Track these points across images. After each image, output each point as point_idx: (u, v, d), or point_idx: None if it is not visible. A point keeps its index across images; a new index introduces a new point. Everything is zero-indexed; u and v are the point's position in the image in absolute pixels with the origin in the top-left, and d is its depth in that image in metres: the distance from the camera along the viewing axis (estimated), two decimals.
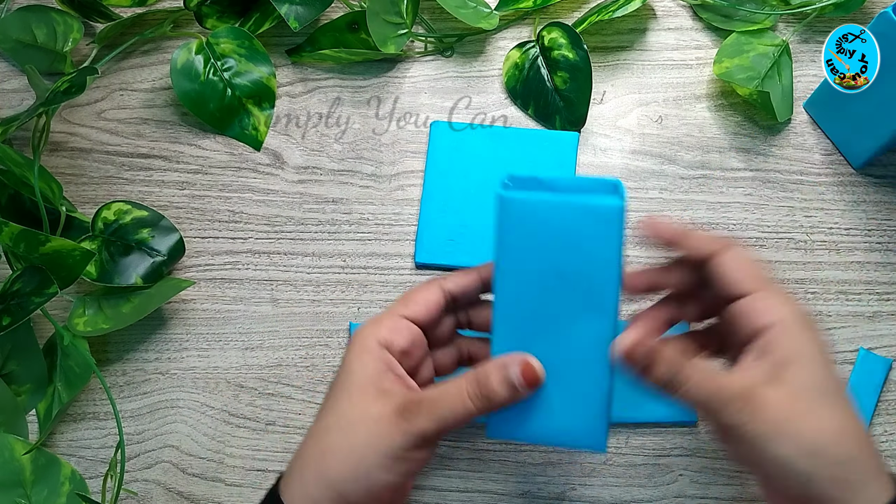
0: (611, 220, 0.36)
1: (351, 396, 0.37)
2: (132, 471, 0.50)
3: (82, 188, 0.55)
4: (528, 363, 0.36)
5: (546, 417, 0.38)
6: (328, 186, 0.54)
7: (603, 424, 0.38)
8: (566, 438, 0.38)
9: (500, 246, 0.37)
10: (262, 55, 0.54)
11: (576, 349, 0.37)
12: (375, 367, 0.37)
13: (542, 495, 0.49)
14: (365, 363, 0.37)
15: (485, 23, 0.54)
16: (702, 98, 0.55)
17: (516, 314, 0.37)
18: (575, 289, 0.36)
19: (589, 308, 0.37)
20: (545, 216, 0.36)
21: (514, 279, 0.37)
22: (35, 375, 0.50)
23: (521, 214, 0.36)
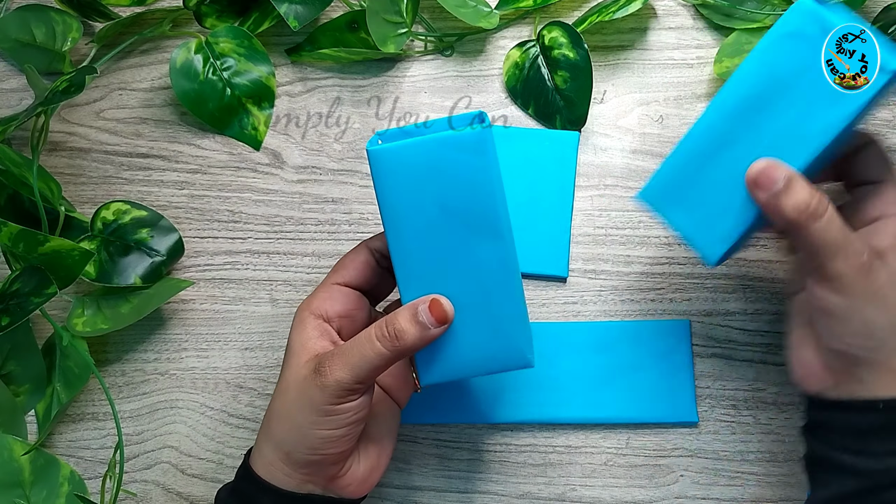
0: (479, 146, 0.37)
1: (290, 366, 0.39)
2: (131, 471, 0.50)
3: (81, 188, 0.54)
4: (435, 300, 0.38)
5: (470, 351, 0.39)
6: (328, 186, 0.54)
7: (526, 342, 0.39)
8: (494, 364, 0.39)
9: (382, 200, 0.38)
10: (261, 54, 0.54)
11: (481, 278, 0.38)
12: (308, 335, 0.39)
13: (542, 496, 0.49)
14: (300, 334, 0.40)
15: (485, 22, 0.54)
16: (703, 97, 0.55)
17: (415, 260, 0.38)
18: (464, 222, 0.38)
19: (482, 236, 0.38)
20: (416, 159, 0.37)
21: (404, 228, 0.38)
22: (34, 376, 0.50)
23: (392, 163, 0.37)
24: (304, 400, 0.38)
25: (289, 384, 0.39)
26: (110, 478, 0.48)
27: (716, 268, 0.52)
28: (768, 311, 0.51)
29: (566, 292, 0.52)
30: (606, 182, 0.53)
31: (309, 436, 0.38)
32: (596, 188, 0.53)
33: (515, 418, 0.49)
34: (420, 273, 0.38)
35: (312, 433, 0.38)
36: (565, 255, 0.52)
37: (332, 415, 0.37)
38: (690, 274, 0.52)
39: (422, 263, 0.38)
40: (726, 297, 0.51)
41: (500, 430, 0.50)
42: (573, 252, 0.52)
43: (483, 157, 0.37)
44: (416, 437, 0.50)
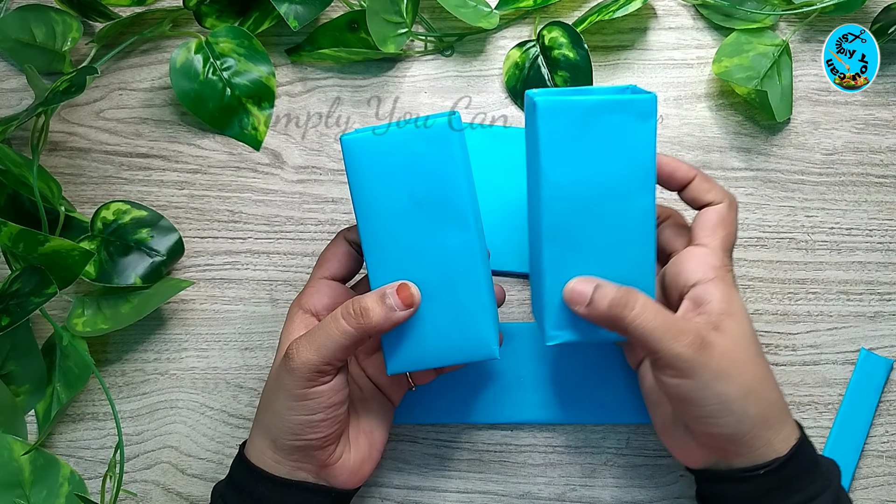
0: (444, 137, 0.38)
1: (276, 360, 0.41)
2: (131, 471, 0.50)
3: (81, 188, 0.54)
4: (403, 283, 0.38)
5: (436, 341, 0.39)
6: (328, 186, 0.54)
7: (490, 333, 0.39)
8: (460, 355, 0.40)
9: (353, 188, 0.39)
10: (261, 54, 0.54)
11: (448, 268, 0.39)
12: (294, 329, 0.41)
13: (542, 496, 0.49)
14: (287, 329, 0.41)
15: (485, 22, 0.54)
16: (702, 97, 0.55)
17: (384, 249, 0.39)
18: (432, 212, 0.38)
19: (449, 226, 0.38)
20: (386, 149, 0.38)
21: (374, 217, 0.39)
22: (34, 376, 0.50)
23: (364, 153, 0.38)
24: (278, 385, 0.39)
25: (271, 374, 0.41)
26: (110, 478, 0.48)
27: None
28: (768, 311, 0.51)
29: None
30: None
31: (287, 421, 0.38)
32: None
33: (515, 418, 0.49)
34: (389, 261, 0.39)
35: (290, 418, 0.38)
36: None
37: (305, 399, 0.38)
38: None
39: (391, 252, 0.39)
40: None
41: (500, 430, 0.50)
42: None
43: (448, 147, 0.38)
44: (416, 437, 0.50)
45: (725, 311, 0.37)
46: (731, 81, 0.53)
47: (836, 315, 0.51)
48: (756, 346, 0.38)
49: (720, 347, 0.36)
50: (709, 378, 0.36)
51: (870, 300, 0.51)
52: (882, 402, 0.50)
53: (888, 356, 0.50)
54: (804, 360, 0.51)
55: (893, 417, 0.50)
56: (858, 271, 0.52)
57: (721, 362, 0.36)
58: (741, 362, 0.37)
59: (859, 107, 0.54)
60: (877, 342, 0.51)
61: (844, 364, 0.50)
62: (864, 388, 0.50)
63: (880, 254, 0.52)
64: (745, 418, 0.37)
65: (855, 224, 0.52)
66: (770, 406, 0.37)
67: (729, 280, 0.39)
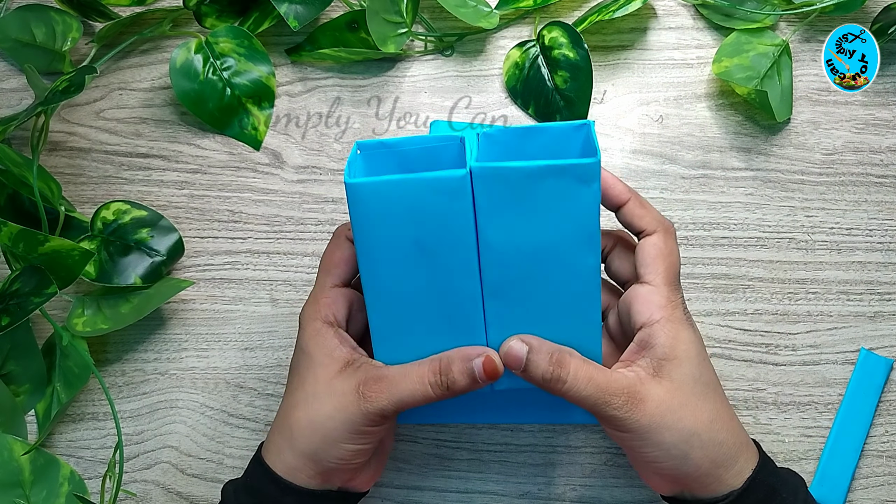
0: (462, 190, 0.35)
1: (315, 374, 0.39)
2: (131, 471, 0.50)
3: (81, 188, 0.54)
4: (489, 358, 0.38)
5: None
6: (328, 186, 0.54)
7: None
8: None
9: (357, 231, 0.37)
10: (261, 54, 0.54)
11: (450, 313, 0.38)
12: (330, 345, 0.39)
13: (542, 496, 0.49)
14: (319, 344, 0.39)
15: (485, 22, 0.54)
16: (703, 97, 0.55)
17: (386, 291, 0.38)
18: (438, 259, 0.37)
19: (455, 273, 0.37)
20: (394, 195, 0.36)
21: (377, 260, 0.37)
22: (34, 376, 0.50)
23: (369, 197, 0.36)
24: (342, 417, 0.38)
25: (320, 396, 0.39)
26: (110, 478, 0.48)
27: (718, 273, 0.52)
28: (768, 311, 0.51)
29: None
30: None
31: (341, 448, 0.38)
32: None
33: (515, 418, 0.49)
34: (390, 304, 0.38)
35: (345, 447, 0.38)
36: None
37: (367, 434, 0.38)
38: (690, 273, 0.52)
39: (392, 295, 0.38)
40: (726, 297, 0.51)
41: (500, 430, 0.50)
42: None
43: (462, 201, 0.35)
44: (416, 437, 0.50)
45: (667, 356, 0.37)
46: (731, 81, 0.53)
47: (836, 315, 0.51)
48: (703, 385, 0.38)
49: (655, 399, 0.37)
50: (643, 432, 0.37)
51: (870, 300, 0.51)
52: (882, 402, 0.50)
53: (888, 356, 0.50)
54: (804, 360, 0.51)
55: (893, 417, 0.50)
56: (858, 271, 0.52)
57: (655, 415, 0.36)
58: (679, 408, 0.37)
59: (859, 107, 0.54)
60: (877, 342, 0.51)
61: (844, 364, 0.50)
62: (864, 388, 0.50)
63: (880, 254, 0.52)
64: (687, 461, 0.37)
65: (855, 224, 0.52)
66: (717, 445, 0.37)
67: (677, 316, 0.38)
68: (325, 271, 0.41)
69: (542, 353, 0.37)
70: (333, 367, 0.39)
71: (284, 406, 0.41)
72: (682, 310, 0.39)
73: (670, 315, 0.38)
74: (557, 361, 0.37)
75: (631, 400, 0.37)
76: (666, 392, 0.37)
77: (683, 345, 0.38)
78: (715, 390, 0.39)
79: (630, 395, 0.37)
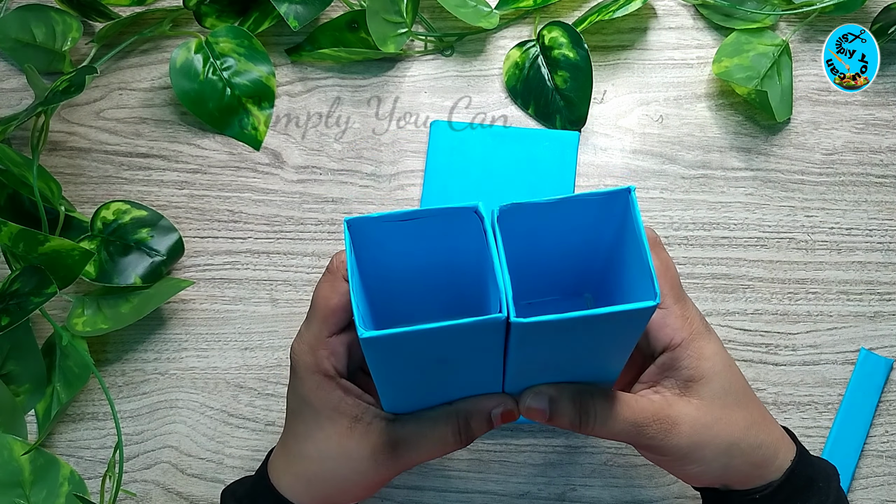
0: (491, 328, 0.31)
1: (326, 432, 0.38)
2: (131, 471, 0.50)
3: (81, 188, 0.54)
4: (508, 411, 0.37)
5: None
6: (328, 186, 0.54)
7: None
8: None
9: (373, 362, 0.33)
10: (261, 54, 0.54)
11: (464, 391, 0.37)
12: (335, 400, 0.37)
13: (542, 496, 0.49)
14: (323, 399, 0.37)
15: (485, 22, 0.54)
16: (703, 97, 0.55)
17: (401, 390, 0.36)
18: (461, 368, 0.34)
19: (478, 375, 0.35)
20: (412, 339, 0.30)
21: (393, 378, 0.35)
22: (34, 375, 0.50)
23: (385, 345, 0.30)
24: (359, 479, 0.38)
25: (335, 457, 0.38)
26: (110, 478, 0.48)
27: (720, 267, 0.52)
28: (768, 311, 0.51)
29: None
30: (606, 182, 0.53)
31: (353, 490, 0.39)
32: (596, 188, 0.53)
33: None
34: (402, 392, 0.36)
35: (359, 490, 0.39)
36: None
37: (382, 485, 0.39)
38: (690, 273, 0.52)
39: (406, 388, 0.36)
40: (726, 297, 0.51)
41: (500, 430, 0.50)
42: None
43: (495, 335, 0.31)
44: None
45: (693, 377, 0.37)
46: (731, 81, 0.53)
47: (836, 315, 0.51)
48: (733, 396, 0.37)
49: (688, 420, 0.36)
50: (682, 453, 0.36)
51: (870, 300, 0.51)
52: (882, 402, 0.50)
53: (888, 356, 0.50)
54: (804, 360, 0.51)
55: (893, 417, 0.50)
56: (858, 271, 0.52)
57: (692, 435, 0.36)
58: (714, 424, 0.37)
59: (859, 107, 0.54)
60: (877, 342, 0.51)
61: (844, 364, 0.50)
62: (864, 388, 0.50)
63: (880, 254, 0.52)
64: (728, 469, 0.37)
65: (855, 224, 0.52)
66: (756, 449, 0.37)
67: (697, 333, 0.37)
68: (322, 319, 0.37)
69: (565, 401, 0.36)
70: (343, 423, 0.37)
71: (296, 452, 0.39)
72: (698, 321, 0.38)
73: (689, 335, 0.37)
74: (581, 407, 0.36)
75: (664, 425, 0.36)
76: (697, 410, 0.36)
77: (708, 361, 0.37)
78: (746, 395, 0.38)
79: (661, 420, 0.36)
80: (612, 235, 0.35)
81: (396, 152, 0.54)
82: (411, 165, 0.54)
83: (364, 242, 0.33)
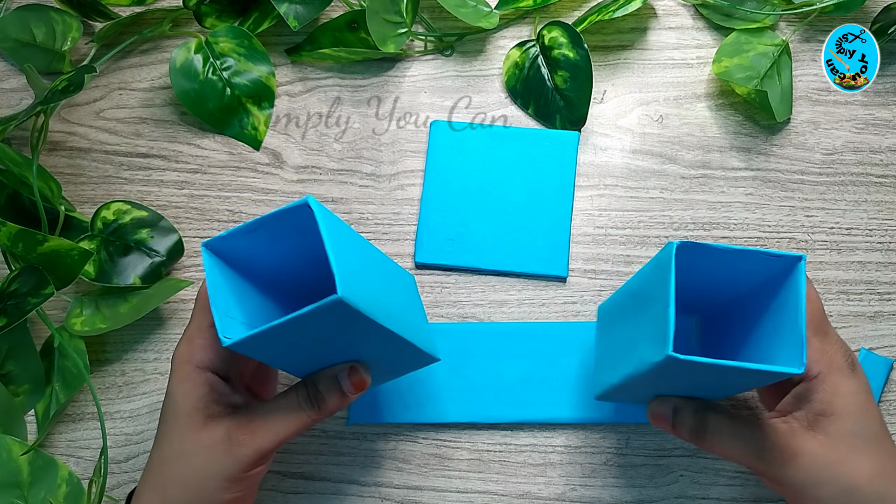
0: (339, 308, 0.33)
1: (181, 427, 0.38)
2: (131, 471, 0.50)
3: (81, 188, 0.54)
4: (354, 368, 0.38)
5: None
6: (328, 186, 0.54)
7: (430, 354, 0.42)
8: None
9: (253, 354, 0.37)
10: (261, 54, 0.54)
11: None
12: (198, 394, 0.37)
13: (542, 496, 0.49)
14: (187, 392, 0.37)
15: (485, 22, 0.54)
16: (703, 97, 0.55)
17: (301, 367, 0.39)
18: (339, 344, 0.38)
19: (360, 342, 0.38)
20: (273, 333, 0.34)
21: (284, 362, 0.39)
22: (32, 376, 0.50)
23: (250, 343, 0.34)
24: (213, 468, 0.37)
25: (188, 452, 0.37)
26: (95, 482, 0.48)
27: None
28: None
29: (566, 292, 0.52)
30: (606, 182, 0.53)
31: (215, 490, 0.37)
32: (596, 188, 0.53)
33: (515, 418, 0.49)
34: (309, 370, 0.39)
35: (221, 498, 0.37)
36: (565, 256, 0.52)
37: (246, 479, 0.38)
38: None
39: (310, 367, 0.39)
40: None
41: (500, 430, 0.50)
42: (573, 252, 0.52)
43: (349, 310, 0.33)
44: (416, 438, 0.50)
45: (824, 412, 0.37)
46: (731, 81, 0.53)
47: (836, 315, 0.51)
48: (863, 440, 0.37)
49: (809, 454, 0.36)
50: (798, 486, 0.36)
51: (870, 300, 0.51)
52: (882, 402, 0.50)
53: (888, 356, 0.50)
54: None
55: (894, 417, 0.50)
56: (858, 271, 0.52)
57: (810, 470, 0.36)
58: (837, 464, 0.36)
59: (859, 107, 0.54)
60: (877, 342, 0.51)
61: None
62: None
63: (880, 254, 0.52)
64: None
65: (855, 224, 0.52)
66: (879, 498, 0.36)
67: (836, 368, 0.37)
68: (203, 308, 0.38)
69: (688, 411, 0.38)
70: (198, 419, 0.37)
71: (154, 460, 0.39)
72: (841, 357, 0.37)
73: (827, 368, 0.37)
74: (702, 420, 0.38)
75: (784, 454, 0.36)
76: (821, 446, 0.36)
77: (842, 399, 0.37)
78: (879, 441, 0.37)
79: (782, 448, 0.36)
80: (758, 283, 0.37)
81: (396, 152, 0.54)
82: (411, 165, 0.54)
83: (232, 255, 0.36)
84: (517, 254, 0.51)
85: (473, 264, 0.52)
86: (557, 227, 0.52)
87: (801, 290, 0.34)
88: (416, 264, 0.52)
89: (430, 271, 0.52)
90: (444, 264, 0.52)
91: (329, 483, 0.49)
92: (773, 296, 0.36)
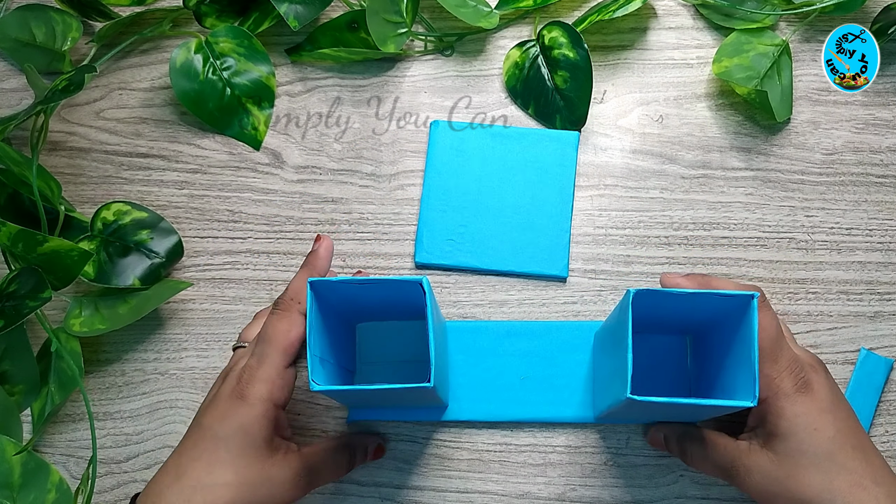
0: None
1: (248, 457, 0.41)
2: (131, 471, 0.50)
3: (81, 188, 0.54)
4: (380, 447, 0.49)
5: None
6: (328, 186, 0.54)
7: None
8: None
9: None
10: (261, 54, 0.54)
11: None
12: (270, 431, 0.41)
13: (542, 496, 0.49)
14: (266, 428, 0.41)
15: (485, 22, 0.54)
16: (703, 97, 0.55)
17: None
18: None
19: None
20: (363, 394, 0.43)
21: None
22: (28, 376, 0.50)
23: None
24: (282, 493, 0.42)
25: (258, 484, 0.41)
26: (81, 492, 0.47)
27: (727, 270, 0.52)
28: None
29: (566, 292, 0.52)
30: (606, 182, 0.53)
31: None
32: (596, 188, 0.53)
33: (515, 418, 0.49)
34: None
35: None
36: (565, 256, 0.52)
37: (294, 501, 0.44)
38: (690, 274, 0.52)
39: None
40: None
41: (500, 430, 0.50)
42: (573, 252, 0.52)
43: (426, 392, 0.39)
44: (416, 437, 0.50)
45: (773, 432, 0.41)
46: (731, 81, 0.53)
47: (836, 315, 0.51)
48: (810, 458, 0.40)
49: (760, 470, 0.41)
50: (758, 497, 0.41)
51: (870, 300, 0.51)
52: (882, 402, 0.50)
53: (888, 356, 0.50)
54: None
55: (893, 417, 0.50)
56: (858, 271, 0.52)
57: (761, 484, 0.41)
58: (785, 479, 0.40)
59: (859, 107, 0.54)
60: (877, 342, 0.51)
61: (844, 364, 0.50)
62: (864, 388, 0.50)
63: (880, 254, 0.52)
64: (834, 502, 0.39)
65: (855, 224, 0.52)
66: None
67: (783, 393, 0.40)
68: (281, 351, 0.41)
69: (673, 440, 0.46)
70: (265, 452, 0.41)
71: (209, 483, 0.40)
72: (789, 381, 0.41)
73: (774, 394, 0.41)
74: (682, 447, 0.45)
75: (742, 470, 0.42)
76: (770, 463, 0.41)
77: (786, 422, 0.40)
78: (831, 458, 0.40)
79: (741, 465, 0.42)
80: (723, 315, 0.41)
81: (396, 152, 0.54)
82: (411, 165, 0.54)
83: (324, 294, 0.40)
84: (517, 254, 0.51)
85: (473, 264, 0.52)
86: (557, 227, 0.52)
87: (752, 327, 0.37)
88: (416, 264, 0.52)
89: (430, 271, 0.52)
90: (444, 264, 0.52)
91: (329, 483, 0.49)
92: (737, 326, 0.39)
